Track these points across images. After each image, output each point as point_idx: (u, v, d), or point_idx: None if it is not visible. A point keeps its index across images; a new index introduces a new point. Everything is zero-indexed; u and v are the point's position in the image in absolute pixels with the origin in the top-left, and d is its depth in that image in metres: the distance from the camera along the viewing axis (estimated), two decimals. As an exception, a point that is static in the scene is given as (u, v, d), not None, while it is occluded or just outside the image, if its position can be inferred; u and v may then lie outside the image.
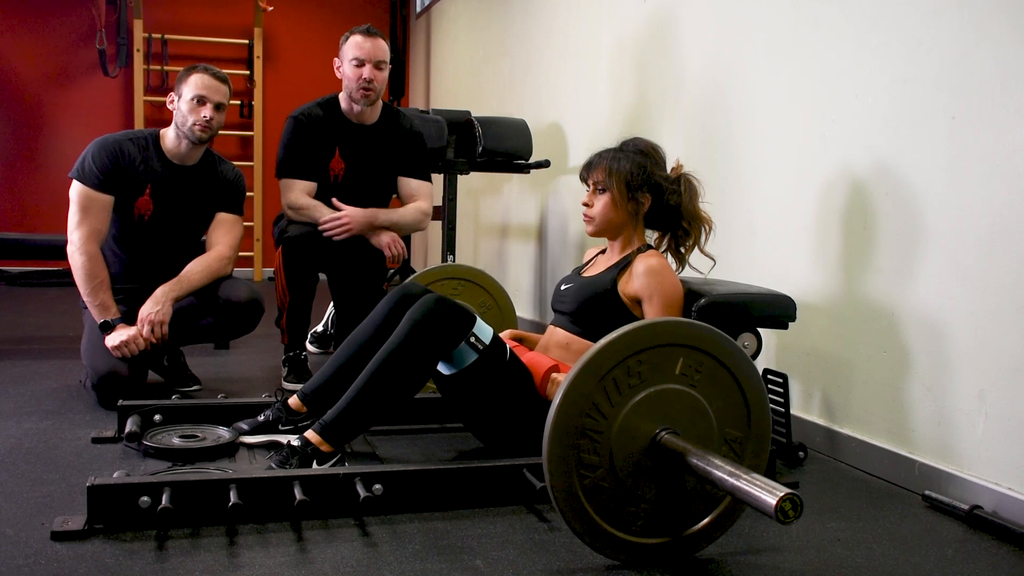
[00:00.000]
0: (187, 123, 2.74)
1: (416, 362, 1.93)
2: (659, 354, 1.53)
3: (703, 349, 1.56)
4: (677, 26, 3.16)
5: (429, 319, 1.93)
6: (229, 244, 2.88)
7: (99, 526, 1.62)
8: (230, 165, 3.00)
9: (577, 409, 1.49)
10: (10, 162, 6.59)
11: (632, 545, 1.55)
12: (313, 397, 2.13)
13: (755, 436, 1.62)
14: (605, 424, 1.51)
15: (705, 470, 1.45)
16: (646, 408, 1.53)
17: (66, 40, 6.63)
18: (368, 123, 3.11)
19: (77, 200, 2.70)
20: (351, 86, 3.01)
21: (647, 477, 1.55)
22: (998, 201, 1.87)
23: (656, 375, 1.54)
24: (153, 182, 2.79)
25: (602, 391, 1.50)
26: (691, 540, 1.59)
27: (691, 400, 1.56)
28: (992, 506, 1.85)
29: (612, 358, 1.50)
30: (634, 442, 1.53)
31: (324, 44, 6.94)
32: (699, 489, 1.58)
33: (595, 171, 2.17)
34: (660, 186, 2.15)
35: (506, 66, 4.97)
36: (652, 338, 1.52)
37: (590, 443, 1.51)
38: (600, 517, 1.53)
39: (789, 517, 1.31)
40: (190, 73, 2.78)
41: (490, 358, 1.98)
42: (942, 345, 2.01)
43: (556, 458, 1.49)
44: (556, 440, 1.48)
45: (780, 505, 1.31)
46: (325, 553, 1.57)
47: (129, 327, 2.62)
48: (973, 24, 1.93)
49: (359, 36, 3.03)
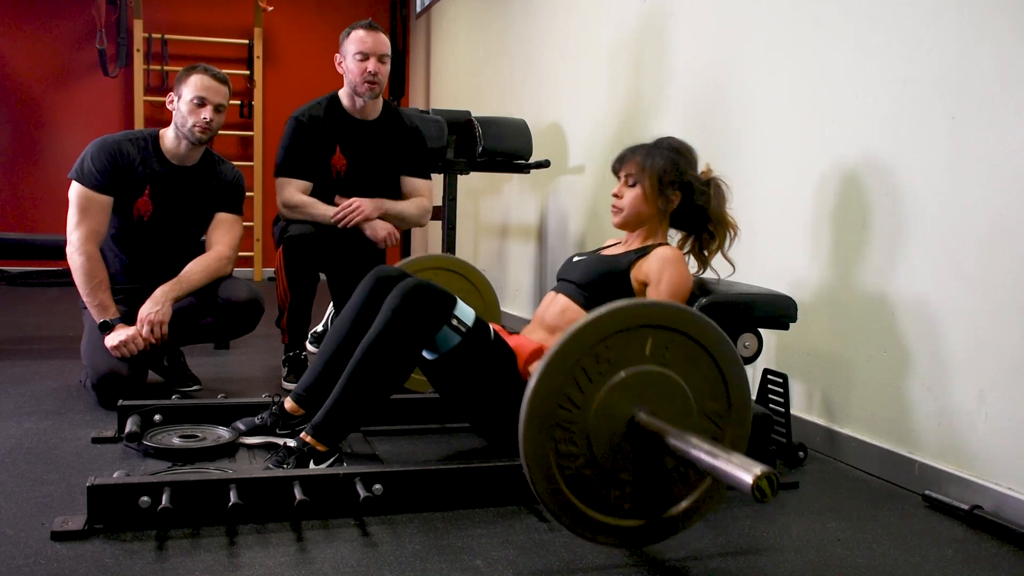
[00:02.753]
0: (187, 124, 2.74)
1: (399, 352, 1.91)
2: (626, 338, 1.50)
3: (670, 327, 1.52)
4: (677, 26, 3.16)
5: (408, 306, 1.90)
6: (229, 244, 2.88)
7: (99, 526, 1.62)
8: (229, 165, 3.00)
9: (549, 403, 1.46)
10: (10, 162, 6.59)
11: (621, 529, 1.53)
12: (307, 397, 2.13)
13: (735, 406, 1.59)
14: (579, 414, 1.49)
15: (683, 450, 1.43)
16: (620, 392, 1.51)
17: (66, 40, 6.63)
18: (369, 119, 3.12)
19: (76, 201, 2.70)
20: (355, 80, 3.01)
21: (628, 460, 1.52)
22: (998, 201, 1.87)
23: (626, 359, 1.51)
24: (152, 183, 2.79)
25: (572, 382, 1.48)
26: (672, 521, 1.57)
27: (665, 379, 1.53)
28: (992, 506, 1.85)
29: (578, 348, 1.47)
30: (611, 427, 1.51)
31: (324, 44, 6.93)
32: (680, 470, 1.56)
33: (628, 164, 2.19)
34: (691, 185, 2.17)
35: (506, 66, 4.97)
36: (617, 323, 1.49)
37: (566, 434, 1.48)
38: (585, 505, 1.50)
39: (766, 495, 1.29)
40: (190, 73, 2.77)
41: (474, 340, 1.96)
42: (942, 345, 2.01)
43: (533, 453, 1.46)
44: (531, 435, 1.45)
45: (756, 484, 1.28)
46: (325, 553, 1.57)
47: (128, 327, 2.62)
48: (973, 24, 1.93)
49: (361, 31, 3.03)
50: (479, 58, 5.51)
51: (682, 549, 1.65)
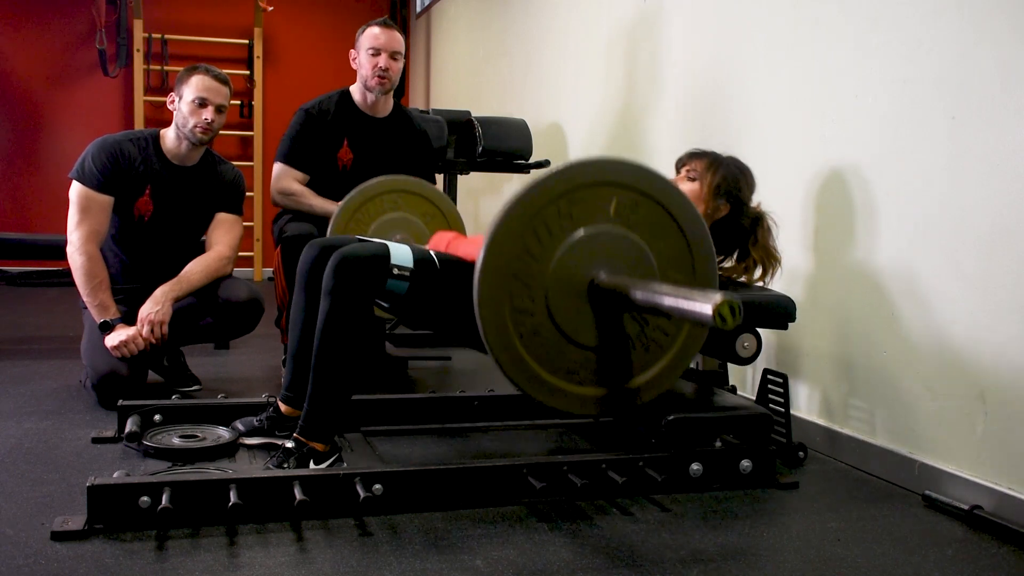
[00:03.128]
0: (188, 125, 2.74)
1: (349, 327, 1.90)
2: (591, 193, 1.45)
3: (638, 189, 1.48)
4: (676, 26, 3.16)
5: (341, 282, 1.88)
6: (229, 244, 2.88)
7: (99, 526, 1.62)
8: (229, 165, 2.99)
9: (508, 252, 1.41)
10: (10, 162, 6.58)
11: (579, 397, 1.49)
12: (295, 396, 2.12)
13: (700, 281, 1.55)
14: (537, 268, 1.43)
15: (646, 299, 1.38)
16: (581, 251, 1.46)
17: (66, 40, 6.63)
18: (380, 116, 3.13)
19: (77, 201, 2.70)
20: (367, 74, 3.03)
21: (587, 324, 1.47)
22: (998, 201, 1.87)
23: (589, 215, 1.46)
24: (153, 183, 2.79)
25: (532, 233, 1.43)
26: (631, 393, 1.52)
27: (629, 242, 1.49)
28: (992, 506, 1.85)
29: (541, 197, 1.42)
30: (571, 287, 1.45)
31: (324, 44, 6.95)
32: (642, 339, 1.52)
33: (696, 160, 2.28)
34: (741, 203, 2.27)
35: (506, 66, 4.97)
36: (582, 176, 1.44)
37: (523, 288, 1.43)
38: (541, 367, 1.46)
39: (727, 322, 1.27)
40: (191, 74, 2.77)
41: (422, 277, 1.91)
42: (942, 345, 2.01)
43: (489, 300, 1.40)
44: (487, 282, 1.40)
45: (717, 311, 1.26)
46: (325, 553, 1.57)
47: (128, 327, 2.62)
48: (973, 24, 1.93)
49: (376, 27, 3.05)
50: (479, 58, 5.51)
51: (682, 549, 1.64)
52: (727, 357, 2.20)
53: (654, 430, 1.97)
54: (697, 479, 1.96)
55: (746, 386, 2.70)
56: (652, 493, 1.92)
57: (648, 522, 1.78)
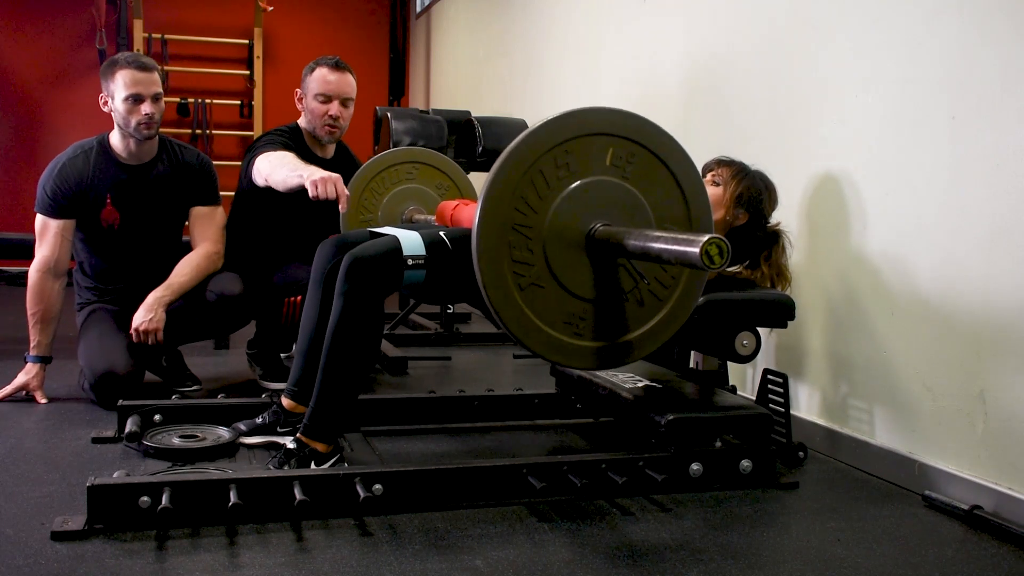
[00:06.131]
0: (130, 125, 2.65)
1: (361, 330, 1.90)
2: (587, 143, 1.46)
3: (634, 139, 1.49)
4: (676, 26, 3.16)
5: (355, 284, 1.88)
6: (213, 238, 2.82)
7: (99, 526, 1.62)
8: (192, 150, 2.89)
9: (505, 203, 1.42)
10: (10, 162, 6.59)
11: (578, 349, 1.50)
12: (300, 391, 2.13)
13: (696, 228, 1.57)
14: (536, 219, 1.44)
15: (639, 245, 1.40)
16: (578, 201, 1.46)
17: (66, 40, 6.63)
18: (328, 158, 2.91)
19: (37, 227, 2.71)
20: (315, 123, 2.84)
21: (585, 276, 1.48)
22: (998, 201, 1.87)
23: (585, 166, 1.47)
24: (113, 191, 2.72)
25: (529, 183, 1.43)
26: (627, 346, 1.54)
27: (625, 193, 1.49)
28: (992, 506, 1.85)
29: (537, 147, 1.42)
30: (568, 238, 1.47)
31: (324, 44, 6.93)
32: (637, 294, 1.53)
33: (724, 168, 2.33)
34: (761, 216, 2.30)
35: (506, 66, 4.97)
36: (578, 127, 1.45)
37: (522, 239, 1.44)
38: (541, 320, 1.47)
39: (715, 262, 1.29)
40: (114, 69, 2.61)
41: (436, 261, 1.90)
42: (942, 345, 2.01)
43: (488, 252, 1.41)
44: (486, 232, 1.40)
45: (704, 250, 1.28)
46: (325, 553, 1.57)
47: (30, 374, 2.66)
48: (973, 24, 1.93)
49: (325, 69, 2.84)
50: (479, 58, 5.51)
51: (682, 549, 1.65)
52: (727, 356, 2.20)
53: (654, 430, 1.97)
54: (697, 479, 1.96)
55: (746, 386, 2.70)
56: (652, 493, 1.93)
57: (648, 522, 1.78)
